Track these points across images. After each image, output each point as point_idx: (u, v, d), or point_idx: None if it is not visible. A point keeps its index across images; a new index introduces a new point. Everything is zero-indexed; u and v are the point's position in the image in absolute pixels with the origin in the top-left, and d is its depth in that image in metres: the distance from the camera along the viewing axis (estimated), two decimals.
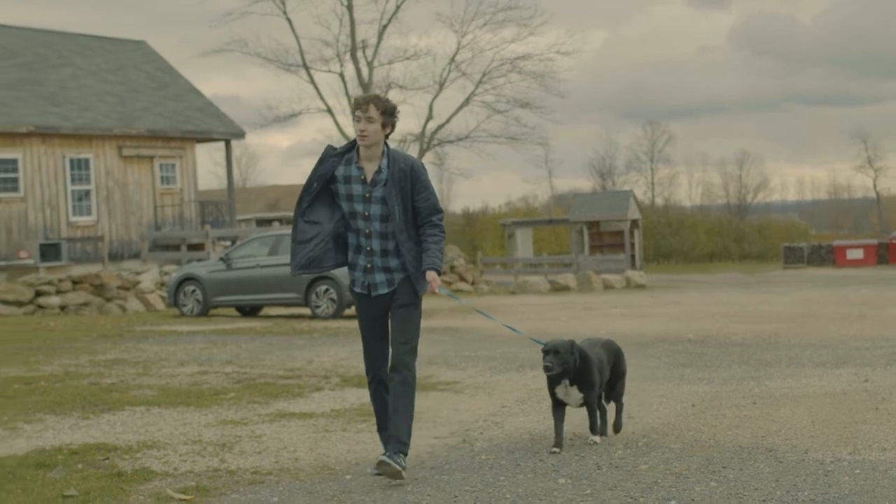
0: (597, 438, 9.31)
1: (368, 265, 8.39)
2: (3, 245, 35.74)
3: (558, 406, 9.22)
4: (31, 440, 9.75)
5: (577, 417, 10.00)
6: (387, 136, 8.44)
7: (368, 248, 8.38)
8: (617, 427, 9.69)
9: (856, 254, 61.06)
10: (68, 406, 11.60)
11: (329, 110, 55.79)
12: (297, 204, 8.52)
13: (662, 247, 76.17)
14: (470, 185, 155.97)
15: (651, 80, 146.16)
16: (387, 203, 8.30)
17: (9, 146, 36.34)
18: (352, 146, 8.46)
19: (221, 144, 45.27)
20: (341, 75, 56.44)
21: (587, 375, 9.20)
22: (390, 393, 8.33)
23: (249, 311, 27.32)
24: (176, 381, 13.69)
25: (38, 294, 27.22)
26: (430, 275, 8.28)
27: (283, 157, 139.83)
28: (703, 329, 20.29)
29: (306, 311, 26.23)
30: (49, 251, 34.95)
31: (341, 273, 25.30)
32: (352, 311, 26.48)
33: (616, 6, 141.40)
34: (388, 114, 8.31)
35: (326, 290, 25.46)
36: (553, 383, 9.22)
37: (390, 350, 8.45)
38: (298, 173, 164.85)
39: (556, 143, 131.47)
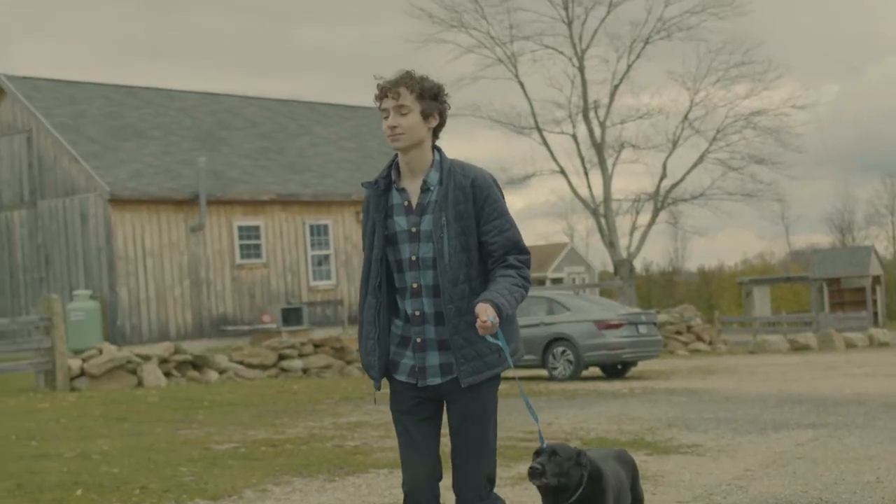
0: None
1: (419, 339, 5.76)
2: (246, 310, 36.80)
3: None
4: (279, 502, 9.98)
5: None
6: (435, 135, 5.86)
7: (417, 313, 5.74)
8: None
9: None
10: (314, 468, 11.85)
11: (562, 171, 56.05)
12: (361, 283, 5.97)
13: None
14: (705, 244, 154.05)
15: (888, 132, 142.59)
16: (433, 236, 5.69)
17: (251, 214, 37.50)
18: (388, 167, 5.88)
19: None
20: (574, 136, 56.75)
21: (599, 501, 6.11)
22: None
23: None
24: None
25: (282, 357, 27.85)
26: (481, 307, 5.44)
27: (517, 218, 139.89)
28: None
29: (543, 372, 26.27)
30: (291, 315, 35.85)
31: (578, 333, 25.31)
32: (590, 372, 26.41)
33: (849, 58, 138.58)
34: (430, 97, 5.74)
35: (563, 351, 25.46)
36: (546, 500, 6.14)
37: (455, 481, 5.95)
38: (532, 234, 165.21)
39: (792, 198, 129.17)
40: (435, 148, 5.85)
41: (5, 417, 17.96)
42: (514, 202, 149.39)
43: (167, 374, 24.83)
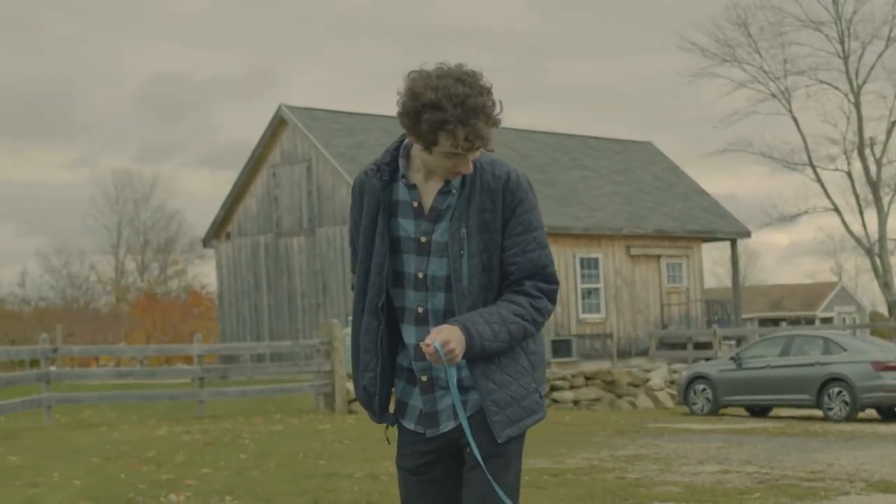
0: None
1: (424, 377, 4.59)
2: None
3: None
4: None
5: None
6: None
7: (425, 345, 4.39)
8: None
9: None
10: (598, 499, 11.94)
11: (836, 209, 54.91)
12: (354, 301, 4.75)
13: None
14: None
15: None
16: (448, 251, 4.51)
17: None
18: (394, 152, 4.63)
19: (719, 243, 45.55)
20: (848, 173, 55.52)
21: None
22: None
23: (759, 411, 27.12)
24: (699, 478, 13.80)
25: (553, 389, 28.11)
26: (436, 329, 4.35)
27: (781, 256, 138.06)
28: None
29: (817, 412, 25.77)
30: (560, 347, 36.07)
31: (854, 374, 24.73)
32: (866, 414, 25.78)
33: None
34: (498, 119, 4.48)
35: (839, 392, 24.92)
36: None
37: None
38: (798, 272, 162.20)
39: None
40: None
41: (290, 437, 18.63)
42: (780, 239, 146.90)
43: None
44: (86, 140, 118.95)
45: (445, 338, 4.26)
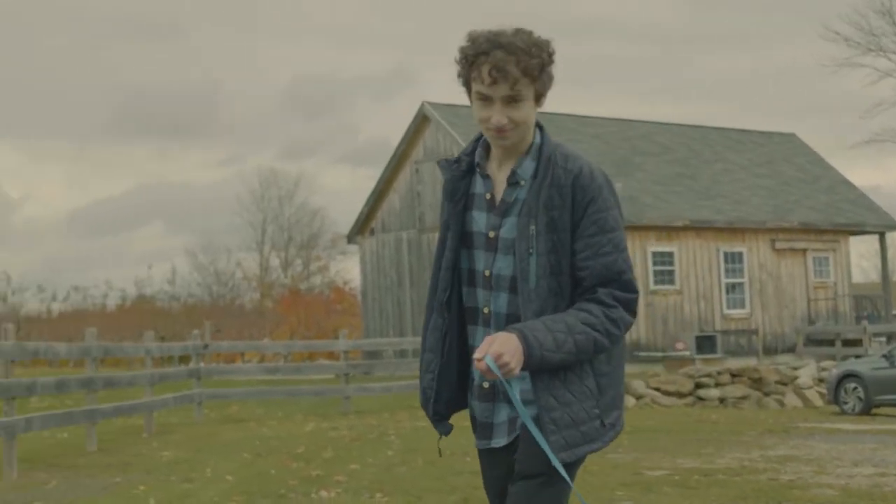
0: None
1: (485, 384, 4.24)
2: (659, 336, 36.82)
3: None
4: None
5: None
6: (538, 102, 4.18)
7: (476, 360, 3.98)
8: None
9: None
10: (752, 500, 11.74)
11: None
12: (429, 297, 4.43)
13: None
14: None
15: None
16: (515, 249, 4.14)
17: (665, 240, 37.54)
18: (475, 142, 4.35)
19: (866, 237, 44.73)
20: None
21: None
22: None
23: None
24: (855, 481, 13.50)
25: (698, 386, 27.77)
26: (488, 342, 3.90)
27: None
28: None
29: None
30: (704, 343, 35.63)
31: None
32: None
33: None
34: (544, 68, 4.11)
35: None
36: None
37: None
38: None
39: None
40: (537, 126, 4.24)
41: (435, 433, 18.60)
42: None
43: None
44: (232, 140, 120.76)
45: (498, 350, 3.85)
